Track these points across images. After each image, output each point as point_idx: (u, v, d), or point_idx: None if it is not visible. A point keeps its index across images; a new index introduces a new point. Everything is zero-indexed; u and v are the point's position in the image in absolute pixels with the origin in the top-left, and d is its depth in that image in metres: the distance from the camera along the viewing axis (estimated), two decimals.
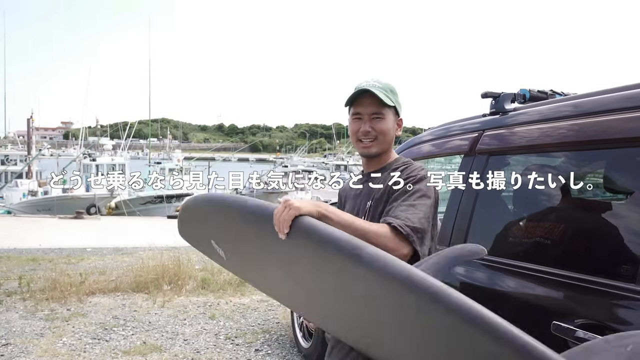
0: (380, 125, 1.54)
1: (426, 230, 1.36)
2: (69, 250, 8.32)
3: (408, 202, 1.39)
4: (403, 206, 1.38)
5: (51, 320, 4.33)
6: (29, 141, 26.71)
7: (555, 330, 1.37)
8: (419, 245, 1.33)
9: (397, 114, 1.59)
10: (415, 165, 1.53)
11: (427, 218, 1.38)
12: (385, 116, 1.54)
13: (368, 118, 1.54)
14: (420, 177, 1.44)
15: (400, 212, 1.36)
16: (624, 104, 1.45)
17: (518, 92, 2.01)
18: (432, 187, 1.45)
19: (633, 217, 1.46)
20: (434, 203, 1.43)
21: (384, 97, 1.50)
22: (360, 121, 1.55)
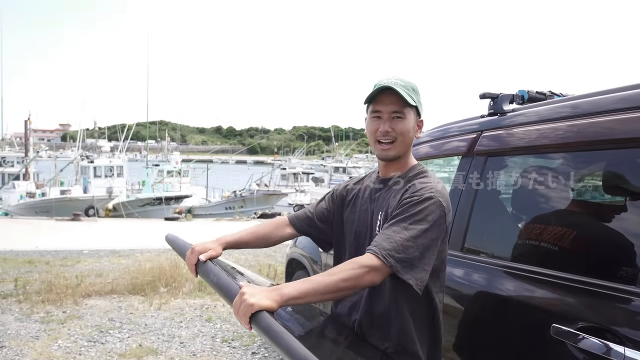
0: (400, 126, 1.47)
1: (416, 258, 1.31)
2: (66, 252, 8.29)
3: (402, 225, 1.34)
4: (396, 228, 1.34)
5: (47, 322, 4.30)
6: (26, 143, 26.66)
7: (554, 333, 1.36)
8: (404, 273, 1.29)
9: (419, 115, 1.53)
10: (425, 182, 1.44)
11: (419, 246, 1.31)
12: (407, 116, 1.47)
13: (388, 117, 1.47)
14: (425, 198, 1.36)
15: (388, 237, 1.32)
16: (621, 105, 1.44)
17: (516, 93, 2.00)
18: (437, 207, 1.36)
19: (632, 218, 1.45)
20: (436, 228, 1.35)
21: (407, 95, 1.44)
22: (380, 120, 1.48)
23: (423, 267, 1.32)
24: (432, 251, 1.35)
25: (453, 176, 2.12)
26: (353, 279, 1.27)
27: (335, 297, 1.31)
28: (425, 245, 1.33)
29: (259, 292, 1.23)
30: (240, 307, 1.21)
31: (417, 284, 1.31)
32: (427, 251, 1.33)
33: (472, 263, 1.83)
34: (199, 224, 15.91)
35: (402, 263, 1.29)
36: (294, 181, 29.91)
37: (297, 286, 1.26)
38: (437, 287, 1.47)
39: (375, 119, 1.50)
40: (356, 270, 1.28)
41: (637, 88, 1.46)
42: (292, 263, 3.93)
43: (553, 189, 1.79)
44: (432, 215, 1.35)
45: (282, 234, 1.72)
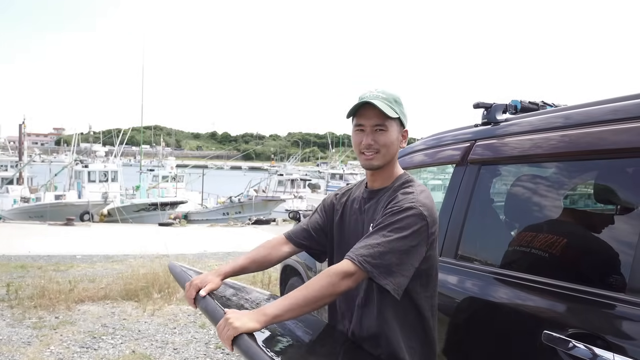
0: (383, 138, 1.50)
1: (393, 264, 1.34)
2: (59, 257, 8.24)
3: (381, 233, 1.38)
4: (374, 236, 1.38)
5: (39, 328, 4.27)
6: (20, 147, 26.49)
7: (546, 339, 1.38)
8: (381, 278, 1.34)
9: (403, 125, 1.55)
10: (408, 192, 1.45)
11: (396, 252, 1.34)
12: (389, 128, 1.49)
13: (370, 130, 1.50)
14: (404, 209, 1.39)
15: (366, 244, 1.37)
16: (612, 116, 1.47)
17: (509, 103, 2.03)
18: (416, 217, 1.38)
19: (623, 227, 1.47)
20: (416, 237, 1.37)
21: (387, 108, 1.47)
22: (363, 133, 1.51)
23: (402, 272, 1.36)
24: (411, 257, 1.38)
25: (447, 184, 2.15)
26: (329, 286, 1.34)
27: (316, 308, 1.36)
28: (403, 252, 1.36)
29: (243, 316, 1.32)
30: (224, 330, 1.31)
31: (395, 289, 1.35)
32: (405, 257, 1.36)
33: (466, 270, 1.84)
34: (193, 229, 15.85)
35: (379, 269, 1.34)
36: (290, 187, 29.89)
37: (278, 304, 1.33)
38: (428, 292, 1.49)
39: (358, 132, 1.53)
40: (331, 278, 1.34)
41: (627, 100, 1.49)
42: (287, 269, 3.93)
43: (545, 197, 1.81)
44: (411, 224, 1.37)
45: (280, 254, 1.74)
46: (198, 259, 8.48)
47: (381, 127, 1.49)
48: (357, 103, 1.50)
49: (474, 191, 1.93)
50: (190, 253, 9.25)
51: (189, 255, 8.75)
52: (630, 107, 1.45)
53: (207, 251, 9.71)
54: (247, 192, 25.88)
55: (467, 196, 1.94)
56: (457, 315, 1.81)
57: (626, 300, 1.27)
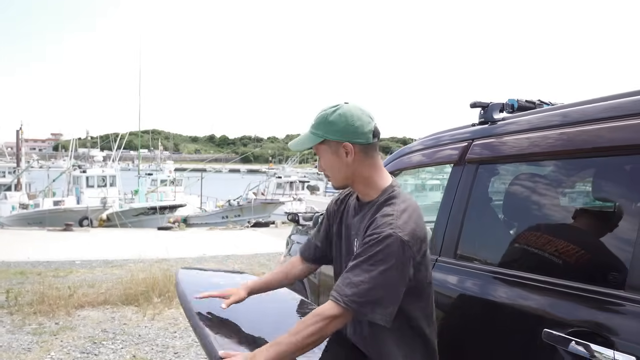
0: (321, 163, 1.56)
1: (381, 297, 1.33)
2: (58, 263, 8.22)
3: (363, 267, 1.34)
4: (357, 271, 1.35)
5: (39, 334, 4.26)
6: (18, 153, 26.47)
7: (546, 337, 1.38)
8: (371, 314, 1.33)
9: (340, 141, 1.48)
10: (388, 214, 1.40)
11: (382, 286, 1.33)
12: (320, 153, 1.54)
13: (318, 158, 1.57)
14: (383, 237, 1.34)
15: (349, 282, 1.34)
16: (609, 114, 1.48)
17: (506, 102, 2.03)
18: (397, 245, 1.33)
19: (621, 224, 1.47)
20: (399, 264, 1.34)
21: (299, 142, 1.54)
22: None
23: (391, 302, 1.35)
24: (397, 286, 1.36)
25: (445, 184, 2.15)
26: (317, 332, 1.33)
27: (306, 351, 1.35)
28: (389, 284, 1.34)
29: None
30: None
31: (385, 319, 1.34)
32: (392, 288, 1.35)
33: (465, 270, 1.84)
34: (192, 233, 15.84)
35: (367, 306, 1.33)
36: (289, 190, 29.86)
37: (268, 352, 1.32)
38: (422, 303, 1.48)
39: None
40: (319, 324, 1.32)
41: (623, 97, 1.49)
42: None
43: (543, 196, 1.81)
44: (392, 254, 1.33)
45: (297, 272, 1.82)
46: (197, 263, 8.47)
47: (318, 154, 1.56)
48: None
49: (472, 190, 1.93)
50: (189, 257, 9.24)
51: (188, 259, 8.74)
52: (627, 104, 1.45)
53: (207, 254, 9.70)
54: (246, 195, 25.86)
55: (465, 196, 1.94)
56: (457, 315, 1.81)
57: (626, 297, 1.27)
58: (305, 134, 1.55)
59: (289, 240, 4.12)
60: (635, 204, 1.41)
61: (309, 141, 1.52)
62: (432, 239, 2.07)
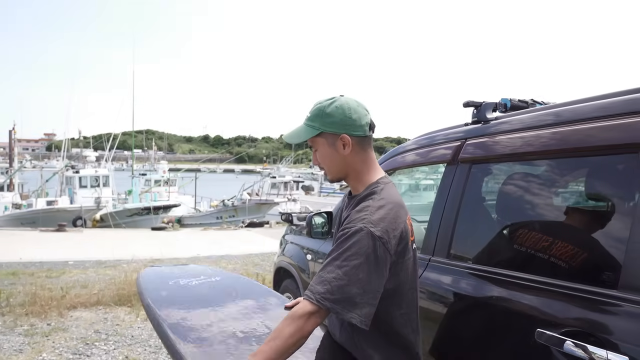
0: (317, 156, 1.54)
1: (355, 294, 1.28)
2: (50, 264, 8.16)
3: (336, 263, 1.31)
4: (329, 268, 1.31)
5: (31, 335, 4.22)
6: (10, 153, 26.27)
7: (538, 337, 1.38)
8: (345, 313, 1.28)
9: (337, 133, 1.46)
10: (363, 209, 1.38)
11: (355, 282, 1.28)
12: (317, 146, 1.51)
13: (313, 151, 1.55)
14: (354, 232, 1.32)
15: (322, 279, 1.31)
16: (600, 113, 1.48)
17: (499, 102, 2.03)
18: (367, 239, 1.30)
19: (614, 223, 1.48)
20: (372, 259, 1.30)
21: (295, 134, 1.51)
22: None
23: (367, 302, 1.29)
24: (373, 284, 1.31)
25: (439, 183, 2.15)
26: (297, 332, 1.28)
27: (291, 353, 1.31)
28: (363, 280, 1.29)
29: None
30: None
31: (362, 320, 1.29)
32: (367, 285, 1.29)
33: (458, 269, 1.84)
34: (186, 233, 15.78)
35: (341, 303, 1.28)
36: (284, 190, 29.80)
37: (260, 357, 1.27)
38: (402, 310, 1.44)
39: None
40: (296, 322, 1.28)
41: (614, 97, 1.50)
42: (280, 272, 3.92)
43: (536, 195, 1.82)
44: (364, 248, 1.30)
45: None
46: (192, 263, 8.43)
47: (313, 147, 1.53)
48: None
49: (465, 190, 1.93)
50: (183, 257, 9.20)
51: (182, 259, 8.71)
52: (617, 104, 1.45)
53: (201, 255, 9.67)
54: (241, 196, 25.80)
55: (458, 195, 1.94)
56: (450, 314, 1.81)
57: (619, 297, 1.27)
58: (300, 126, 1.53)
59: (283, 240, 4.11)
60: (628, 203, 1.42)
61: (305, 133, 1.50)
62: (425, 239, 2.07)
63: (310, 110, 1.51)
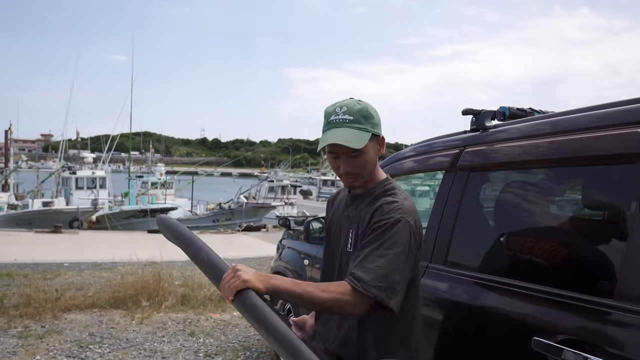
0: (359, 162, 1.44)
1: (396, 282, 1.32)
2: (46, 265, 8.12)
3: (377, 253, 1.33)
4: (371, 257, 1.33)
5: (24, 337, 4.20)
6: (6, 153, 26.14)
7: (535, 346, 1.38)
8: (388, 300, 1.30)
9: (378, 135, 1.47)
10: (393, 201, 1.41)
11: (396, 270, 1.32)
12: (364, 150, 1.42)
13: (345, 157, 1.44)
14: (394, 222, 1.35)
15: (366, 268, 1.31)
16: (598, 123, 1.49)
17: (498, 110, 2.04)
18: (406, 228, 1.36)
19: (610, 233, 1.49)
20: (407, 248, 1.36)
21: (356, 139, 1.39)
22: (338, 160, 1.46)
23: (403, 288, 1.35)
24: (407, 272, 1.37)
25: (437, 190, 2.15)
26: (337, 306, 1.31)
27: (308, 307, 1.36)
28: (402, 268, 1.34)
29: (252, 273, 1.30)
30: (231, 280, 1.28)
31: (398, 306, 1.33)
32: (404, 273, 1.35)
33: (455, 276, 1.85)
34: None
35: (386, 291, 1.30)
36: (281, 194, 29.79)
37: (286, 283, 1.32)
38: (406, 307, 1.44)
39: (333, 159, 1.47)
40: (344, 298, 1.29)
41: (611, 107, 1.51)
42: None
43: (534, 203, 1.82)
44: (403, 238, 1.35)
45: None
46: (187, 266, 8.41)
47: (354, 153, 1.42)
48: (323, 140, 1.43)
49: (463, 197, 1.93)
50: (179, 260, 9.17)
51: (178, 263, 8.68)
52: (615, 114, 1.47)
53: None
54: (238, 199, 25.76)
55: (456, 202, 1.95)
56: (447, 322, 1.81)
57: (615, 306, 1.28)
58: (347, 130, 1.41)
59: (280, 245, 4.11)
60: (625, 212, 1.43)
61: (363, 137, 1.40)
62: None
63: (350, 112, 1.42)
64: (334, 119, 1.44)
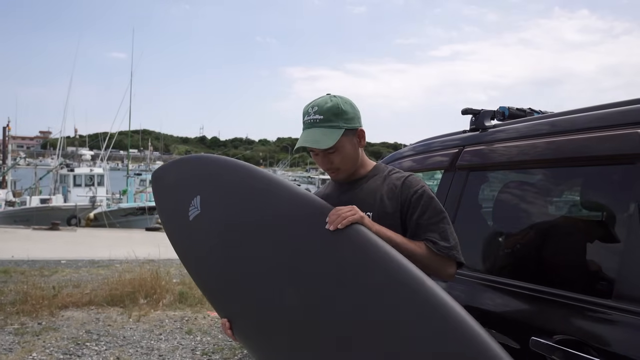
0: (337, 158, 1.48)
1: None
2: (43, 262, 8.10)
3: (444, 225, 1.44)
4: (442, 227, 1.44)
5: (21, 334, 4.19)
6: (4, 150, 26.12)
7: (533, 346, 1.38)
8: (460, 257, 1.45)
9: (356, 128, 1.50)
10: (414, 178, 1.50)
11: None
12: (338, 147, 1.45)
13: (323, 154, 1.48)
14: (427, 192, 1.47)
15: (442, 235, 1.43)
16: (596, 124, 1.49)
17: (497, 110, 2.04)
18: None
19: (609, 233, 1.48)
20: None
21: (326, 138, 1.42)
22: (318, 156, 1.50)
23: None
24: None
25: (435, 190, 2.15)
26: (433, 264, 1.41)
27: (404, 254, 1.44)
28: None
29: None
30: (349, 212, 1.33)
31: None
32: None
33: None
34: None
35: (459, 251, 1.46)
36: None
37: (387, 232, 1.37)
38: None
39: (315, 156, 1.52)
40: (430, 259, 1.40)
41: (610, 108, 1.51)
42: None
43: (533, 204, 1.82)
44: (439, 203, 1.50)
45: None
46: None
47: (330, 150, 1.46)
48: (298, 142, 1.48)
49: (462, 197, 1.93)
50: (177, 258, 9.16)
51: (176, 261, 8.66)
52: (613, 115, 1.46)
53: None
54: None
55: (455, 202, 1.94)
56: None
57: (613, 306, 1.27)
58: (318, 129, 1.44)
59: None
60: (623, 213, 1.42)
61: (333, 135, 1.43)
62: None
63: (320, 112, 1.45)
64: (307, 120, 1.49)
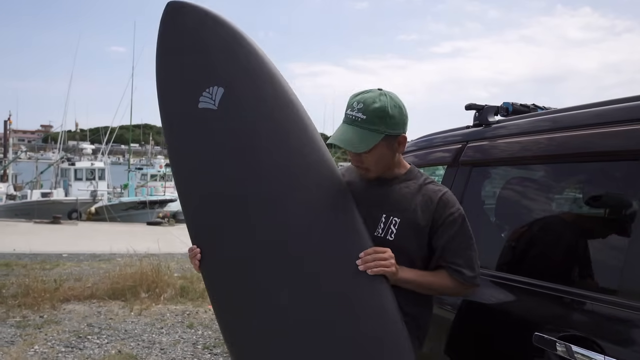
0: (369, 160, 1.43)
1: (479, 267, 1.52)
2: (44, 256, 8.12)
3: (471, 252, 1.48)
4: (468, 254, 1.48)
5: (23, 327, 4.21)
6: (5, 144, 26.13)
7: (536, 341, 1.38)
8: (479, 283, 1.51)
9: (398, 134, 1.43)
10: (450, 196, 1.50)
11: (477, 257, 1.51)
12: (373, 150, 1.39)
13: (360, 153, 1.42)
14: (463, 215, 1.48)
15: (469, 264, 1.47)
16: (596, 120, 1.49)
17: (501, 105, 2.03)
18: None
19: (612, 229, 1.48)
20: None
21: (360, 142, 1.37)
22: (351, 152, 1.43)
23: None
24: None
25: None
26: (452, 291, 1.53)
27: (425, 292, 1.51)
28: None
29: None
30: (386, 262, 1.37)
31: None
32: None
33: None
34: (181, 228, 15.73)
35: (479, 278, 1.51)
36: None
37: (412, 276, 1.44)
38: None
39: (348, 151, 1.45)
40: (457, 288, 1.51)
41: (612, 104, 1.50)
42: None
43: (535, 199, 1.82)
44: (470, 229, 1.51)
45: None
46: (186, 258, 8.42)
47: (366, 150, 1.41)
48: (332, 136, 1.42)
49: (465, 193, 1.93)
50: (178, 252, 9.18)
51: (177, 255, 8.69)
52: (616, 111, 1.46)
53: None
54: None
55: (458, 198, 1.94)
56: (449, 318, 1.81)
57: (617, 302, 1.27)
58: (357, 129, 1.38)
59: None
60: (626, 209, 1.42)
61: (371, 139, 1.37)
62: None
63: (365, 111, 1.37)
64: (349, 114, 1.41)
